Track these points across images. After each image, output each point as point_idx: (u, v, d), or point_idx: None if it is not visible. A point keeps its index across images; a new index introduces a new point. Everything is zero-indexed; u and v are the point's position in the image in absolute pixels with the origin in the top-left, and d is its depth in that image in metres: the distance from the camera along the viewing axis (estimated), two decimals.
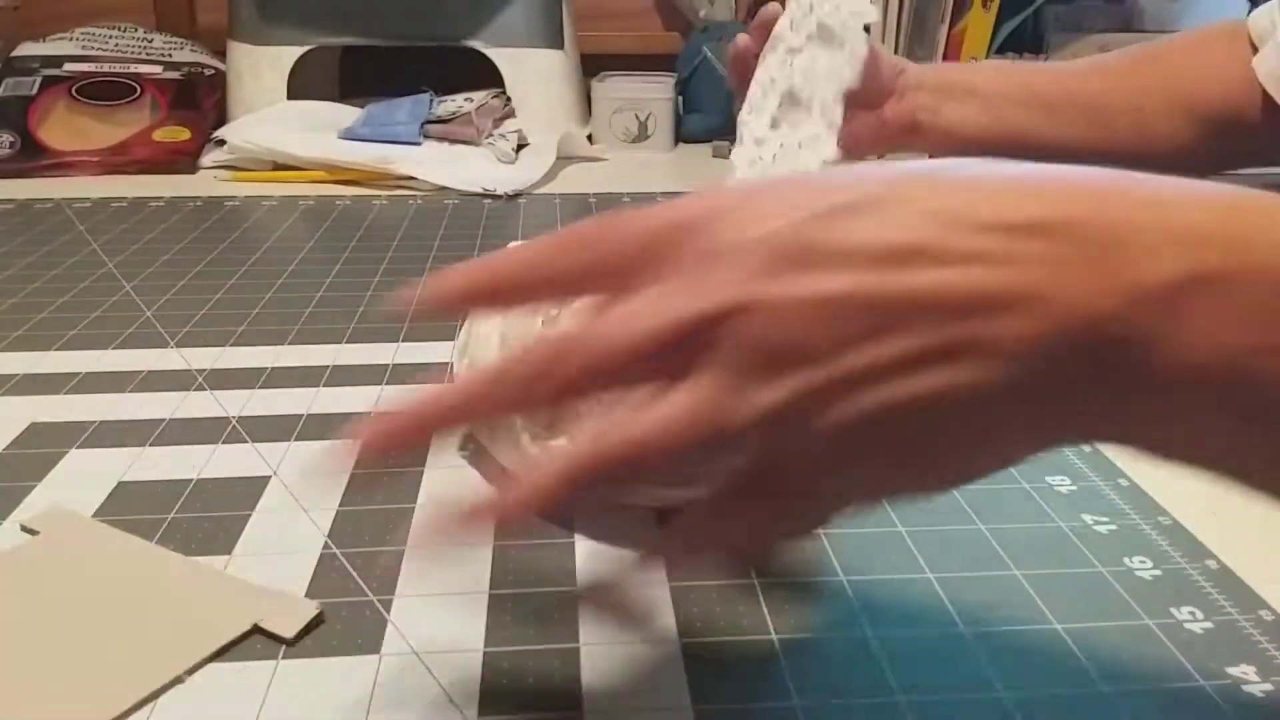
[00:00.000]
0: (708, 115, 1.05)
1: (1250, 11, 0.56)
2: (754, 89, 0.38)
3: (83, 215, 0.76)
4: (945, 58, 0.99)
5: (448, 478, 0.39)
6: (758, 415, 0.21)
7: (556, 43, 1.03)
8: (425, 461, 0.40)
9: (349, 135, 0.94)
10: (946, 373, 0.20)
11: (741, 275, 0.20)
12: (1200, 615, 0.31)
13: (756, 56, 0.41)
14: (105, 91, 0.94)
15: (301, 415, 0.44)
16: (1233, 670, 0.28)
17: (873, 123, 0.57)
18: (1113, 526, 0.35)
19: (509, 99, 1.01)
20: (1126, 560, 0.34)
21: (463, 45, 1.01)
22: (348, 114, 0.98)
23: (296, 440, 0.41)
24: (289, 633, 0.30)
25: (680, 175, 0.93)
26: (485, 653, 0.29)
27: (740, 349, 0.20)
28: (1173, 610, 0.31)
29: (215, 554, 0.34)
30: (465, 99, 0.98)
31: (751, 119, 0.37)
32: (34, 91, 0.93)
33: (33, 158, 0.89)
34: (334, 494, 0.37)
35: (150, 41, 1.02)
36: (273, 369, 0.49)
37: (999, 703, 0.27)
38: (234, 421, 0.43)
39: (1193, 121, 0.56)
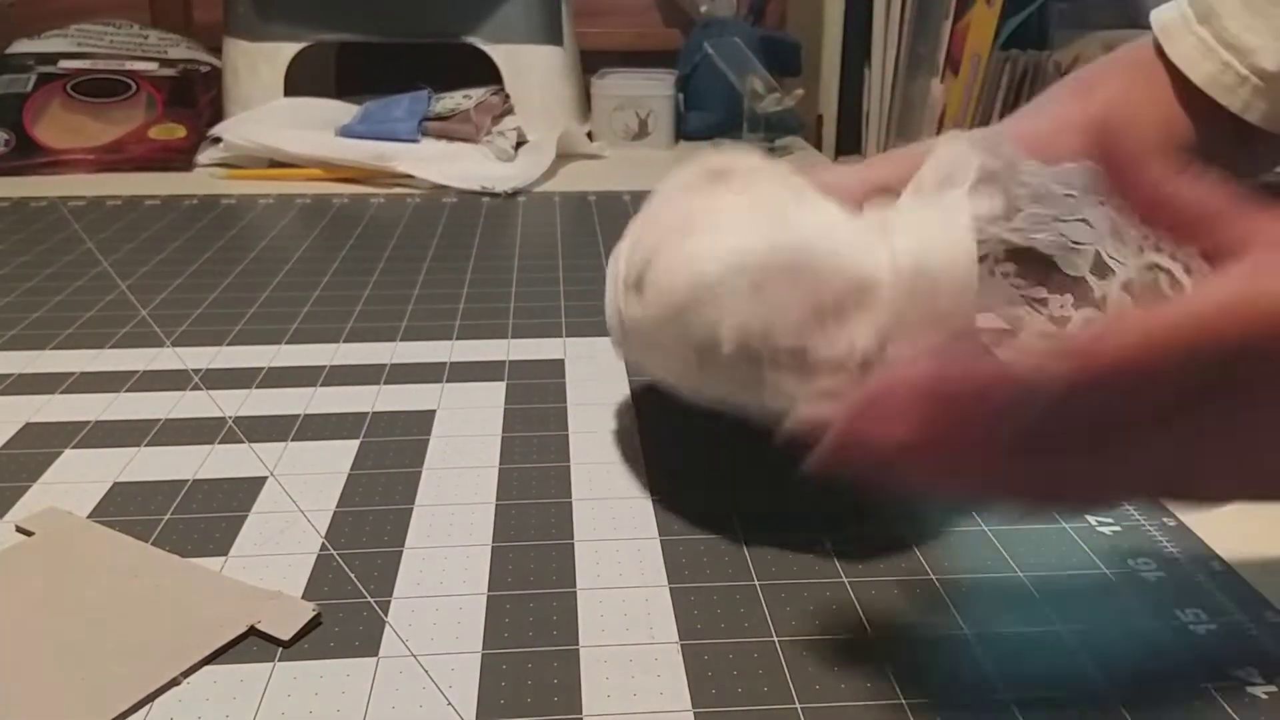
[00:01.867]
0: (709, 112, 1.05)
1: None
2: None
3: (78, 213, 0.75)
4: (949, 54, 0.98)
5: (445, 478, 0.38)
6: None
7: (555, 39, 1.02)
8: (424, 463, 0.39)
9: (346, 132, 0.93)
10: None
11: None
12: (1204, 617, 0.31)
13: None
14: (100, 89, 0.94)
15: (298, 415, 0.43)
16: (1236, 672, 0.28)
17: None
18: (1116, 528, 0.35)
19: (508, 96, 1.00)
20: (1130, 562, 0.33)
21: (461, 42, 1.01)
22: (345, 111, 0.98)
23: (293, 440, 0.41)
24: (286, 634, 0.29)
25: None
26: (483, 654, 0.29)
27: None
28: (1177, 611, 0.31)
29: (211, 555, 0.33)
30: (464, 96, 0.98)
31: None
32: (29, 89, 0.92)
33: (28, 155, 0.89)
34: (331, 495, 0.37)
35: (145, 38, 1.02)
36: (269, 368, 0.48)
37: (1001, 703, 0.27)
38: (230, 421, 0.43)
39: None
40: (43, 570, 0.32)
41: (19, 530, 0.35)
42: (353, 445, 0.41)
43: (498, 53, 1.01)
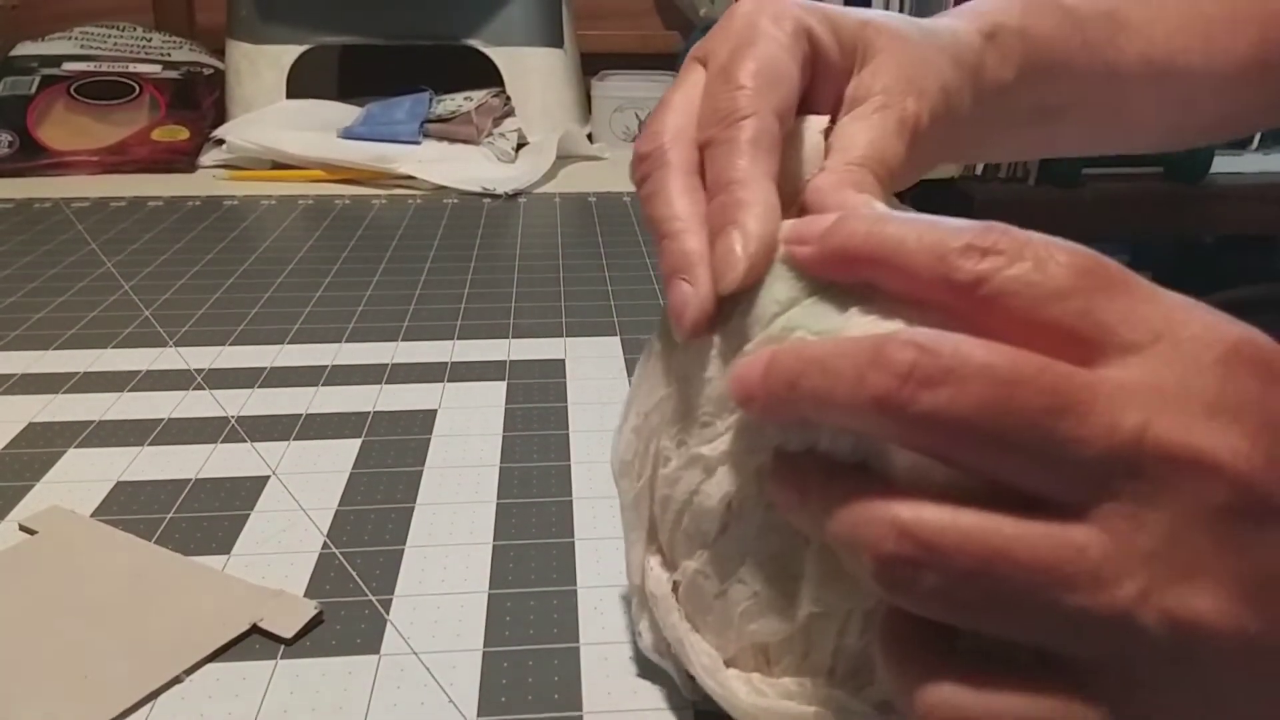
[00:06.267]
0: None
1: None
2: None
3: (81, 215, 0.76)
4: None
5: (446, 477, 0.38)
6: (1166, 613, 0.17)
7: (556, 41, 1.02)
8: (425, 462, 0.40)
9: (348, 134, 0.94)
10: None
11: (1240, 428, 0.17)
12: None
13: None
14: (104, 91, 0.94)
15: (300, 415, 0.44)
16: None
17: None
18: None
19: (508, 98, 1.01)
20: None
21: (462, 44, 1.01)
22: (347, 113, 0.98)
23: (295, 440, 0.41)
24: (288, 632, 0.29)
25: None
26: (484, 653, 0.29)
27: (1200, 515, 0.17)
28: None
29: (214, 554, 0.34)
30: (465, 98, 0.98)
31: None
32: (33, 91, 0.92)
33: (31, 157, 0.89)
34: (333, 493, 0.37)
35: (149, 41, 1.02)
36: (271, 368, 0.48)
37: None
38: (233, 421, 0.43)
39: (1262, 40, 0.41)
40: (46, 569, 0.33)
41: (22, 529, 0.35)
42: (354, 444, 0.41)
43: (499, 55, 1.01)
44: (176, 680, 0.28)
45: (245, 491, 0.37)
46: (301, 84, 1.00)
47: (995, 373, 0.17)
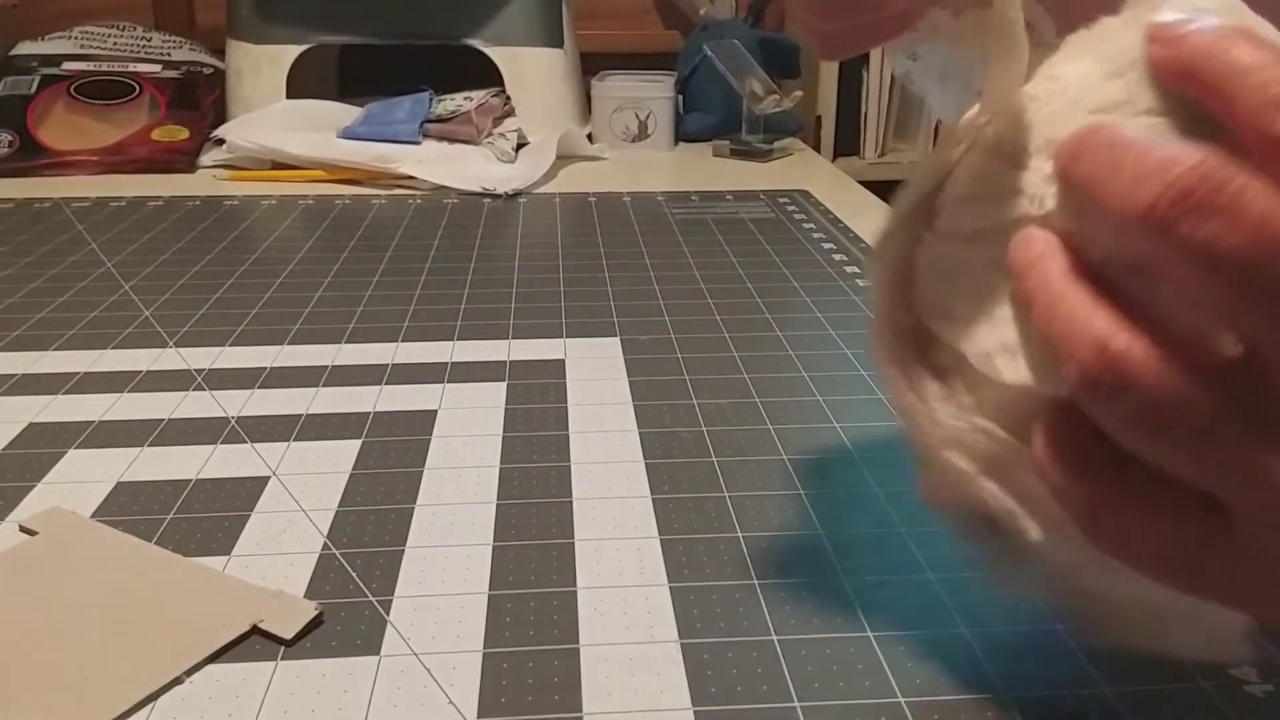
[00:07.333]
0: (707, 114, 1.05)
1: None
2: None
3: (81, 215, 0.76)
4: None
5: (446, 478, 0.39)
6: None
7: (556, 41, 1.02)
8: (425, 462, 0.40)
9: (348, 134, 0.94)
10: None
11: None
12: None
13: None
14: (104, 91, 0.94)
15: (300, 415, 0.44)
16: (1234, 670, 0.28)
17: None
18: None
19: (508, 98, 1.01)
20: None
21: (462, 44, 1.01)
22: (347, 113, 0.98)
23: (296, 440, 0.41)
24: (288, 633, 0.29)
25: (680, 174, 0.93)
26: (484, 653, 0.29)
27: None
28: None
29: (214, 554, 0.34)
30: (465, 98, 0.98)
31: None
32: (33, 91, 0.92)
33: (31, 157, 0.89)
34: (333, 494, 0.37)
35: (149, 40, 1.02)
36: (271, 369, 0.49)
37: (999, 702, 0.27)
38: (233, 421, 0.43)
39: None
40: (46, 570, 0.33)
41: (22, 530, 0.35)
42: (355, 445, 0.41)
43: (499, 55, 1.01)
44: (177, 681, 0.28)
45: (245, 492, 0.37)
46: (301, 84, 1.00)
47: (1271, 222, 0.17)
